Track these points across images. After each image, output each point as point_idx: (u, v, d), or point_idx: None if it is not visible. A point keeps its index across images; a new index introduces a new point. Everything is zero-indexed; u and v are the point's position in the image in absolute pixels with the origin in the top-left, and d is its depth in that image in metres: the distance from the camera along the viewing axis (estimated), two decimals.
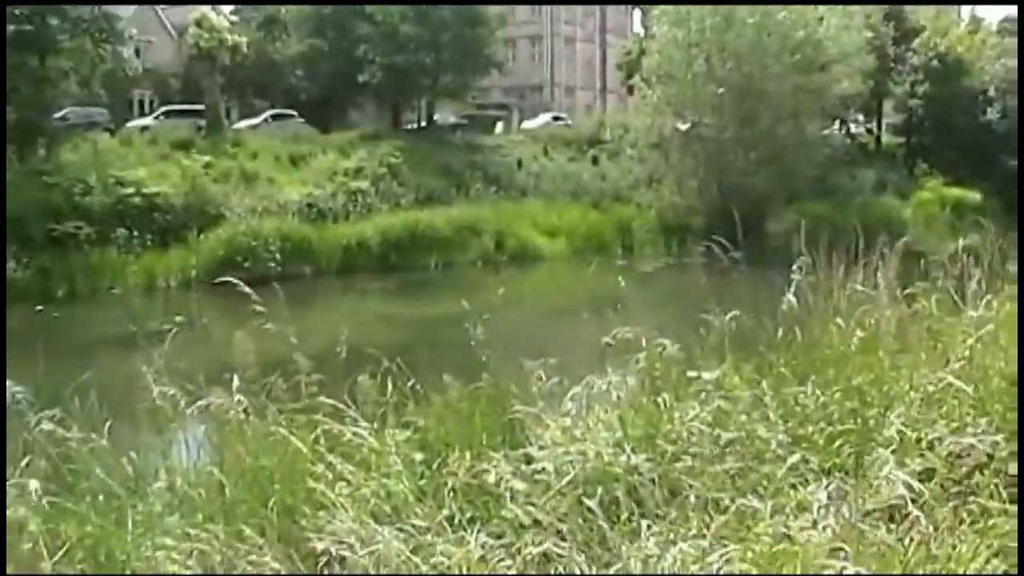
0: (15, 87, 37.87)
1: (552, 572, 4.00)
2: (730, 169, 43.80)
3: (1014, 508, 4.27)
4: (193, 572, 3.63)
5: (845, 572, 3.52)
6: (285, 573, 3.70)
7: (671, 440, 5.37)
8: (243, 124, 50.01)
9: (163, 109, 50.45)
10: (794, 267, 7.17)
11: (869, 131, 66.30)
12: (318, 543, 3.80)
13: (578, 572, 3.95)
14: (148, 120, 48.43)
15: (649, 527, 4.31)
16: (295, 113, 52.23)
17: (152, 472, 5.13)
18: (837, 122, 57.97)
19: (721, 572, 3.77)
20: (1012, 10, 63.91)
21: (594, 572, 4.00)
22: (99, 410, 5.40)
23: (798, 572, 3.68)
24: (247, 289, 5.89)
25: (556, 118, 61.03)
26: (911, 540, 3.96)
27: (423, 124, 55.60)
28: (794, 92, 44.07)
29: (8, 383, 4.95)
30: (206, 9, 48.27)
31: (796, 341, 6.74)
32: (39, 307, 28.05)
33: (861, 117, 65.18)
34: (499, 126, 57.18)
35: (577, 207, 44.04)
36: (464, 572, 3.88)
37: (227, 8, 53.35)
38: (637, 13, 77.24)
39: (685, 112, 45.56)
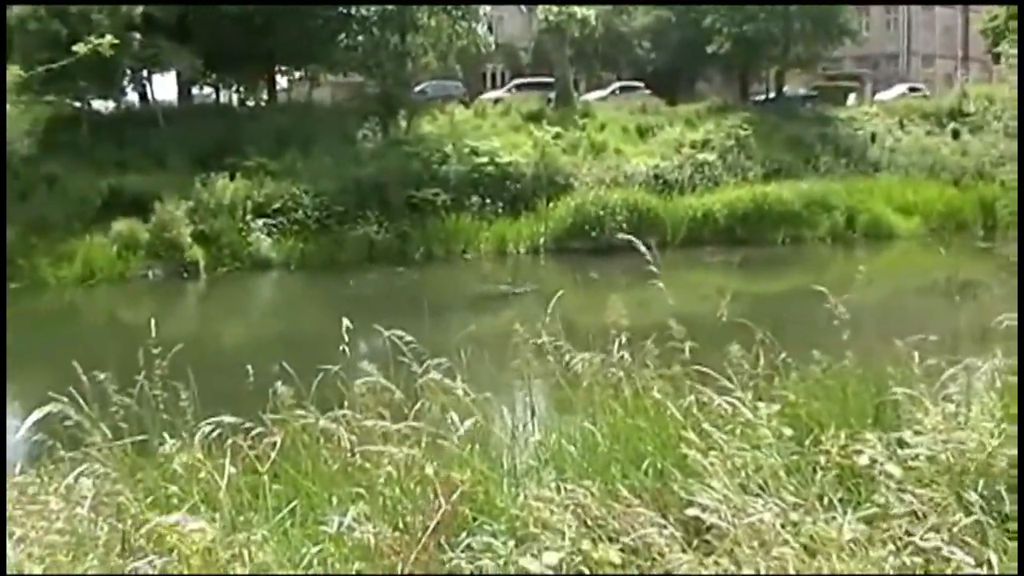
0: (379, 63, 40.81)
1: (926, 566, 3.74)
2: None
3: None
4: (568, 525, 3.69)
5: None
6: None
7: None
8: (591, 96, 50.95)
9: (514, 82, 52.40)
10: None
11: None
12: (692, 509, 3.77)
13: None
14: (500, 92, 50.46)
15: None
16: (642, 84, 52.67)
17: (522, 425, 5.30)
18: None
19: None
20: None
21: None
22: (475, 362, 5.65)
23: None
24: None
25: (912, 89, 58.07)
26: None
27: (772, 96, 54.51)
28: None
29: (398, 332, 5.24)
30: None
31: None
32: (400, 268, 30.07)
33: None
34: (851, 98, 54.89)
35: (934, 183, 41.81)
36: (833, 555, 3.71)
37: None
38: None
39: None
